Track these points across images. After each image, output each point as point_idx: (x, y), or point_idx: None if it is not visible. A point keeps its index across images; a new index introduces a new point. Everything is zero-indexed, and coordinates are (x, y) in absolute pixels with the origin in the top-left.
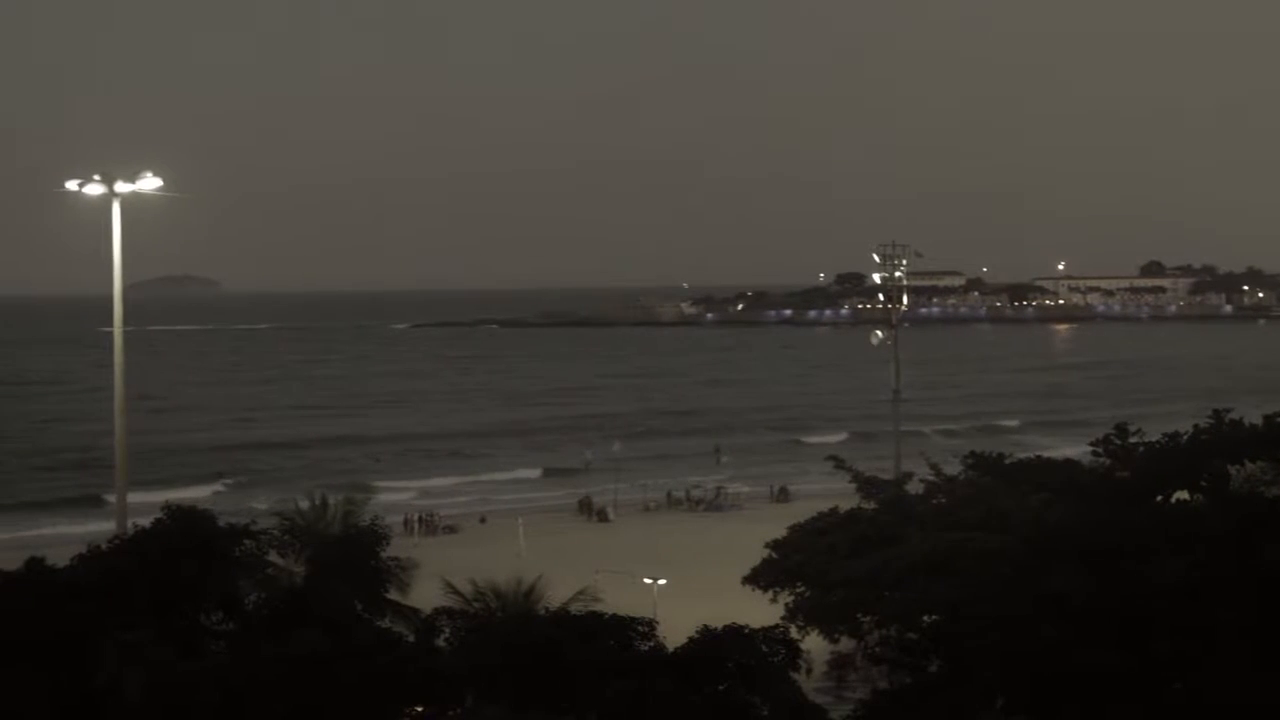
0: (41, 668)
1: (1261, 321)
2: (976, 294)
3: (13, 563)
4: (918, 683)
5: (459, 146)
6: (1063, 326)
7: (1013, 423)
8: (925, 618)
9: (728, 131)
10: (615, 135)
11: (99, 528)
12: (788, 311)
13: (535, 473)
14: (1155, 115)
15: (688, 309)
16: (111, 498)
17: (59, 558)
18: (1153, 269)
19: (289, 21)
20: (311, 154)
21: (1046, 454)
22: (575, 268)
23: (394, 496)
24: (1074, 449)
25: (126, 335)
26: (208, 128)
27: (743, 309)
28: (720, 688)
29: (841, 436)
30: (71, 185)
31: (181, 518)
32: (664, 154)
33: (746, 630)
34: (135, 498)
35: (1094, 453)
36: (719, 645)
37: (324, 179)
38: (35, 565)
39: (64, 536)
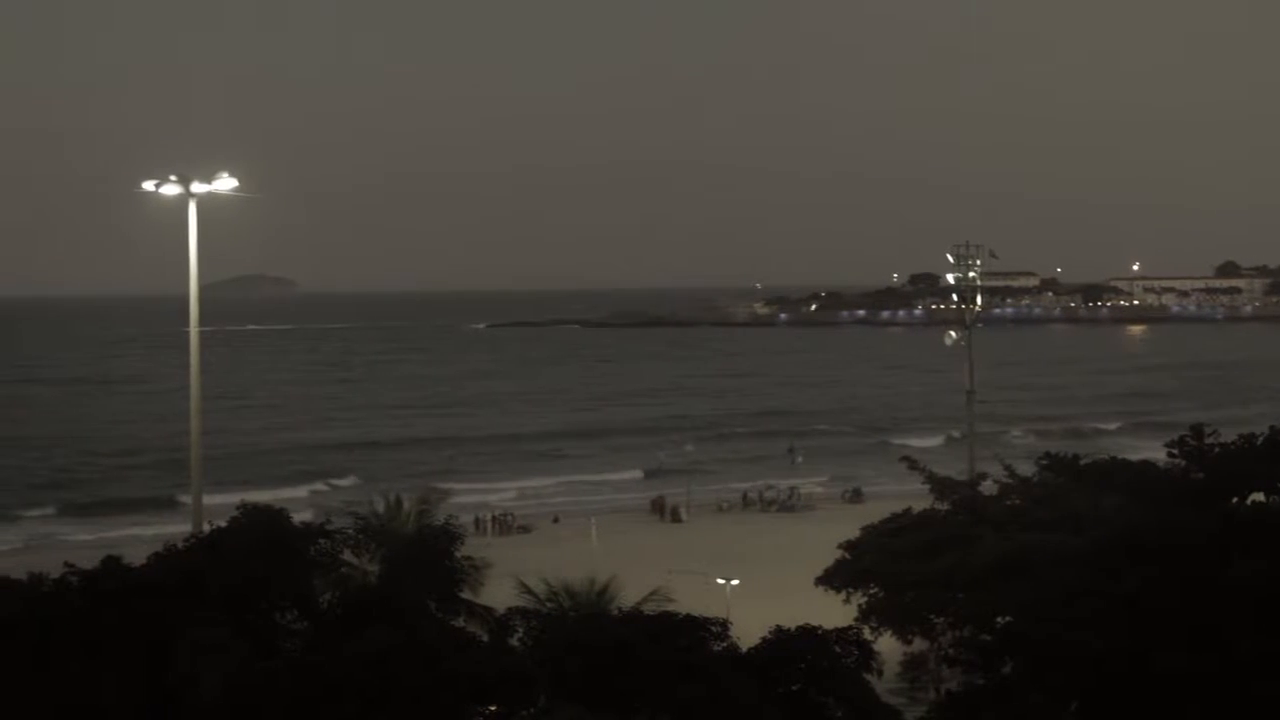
0: (118, 665)
1: None
2: (1050, 294)
3: (91, 561)
4: (991, 684)
5: (526, 142)
6: (1137, 327)
7: (1110, 426)
8: (999, 619)
9: (800, 130)
10: (688, 133)
11: (176, 529)
12: (861, 312)
13: (609, 473)
14: (1230, 116)
15: (761, 309)
16: (187, 498)
17: (136, 556)
18: (1228, 269)
19: (358, 21)
20: (386, 152)
21: (1129, 456)
22: (649, 268)
23: (469, 498)
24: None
25: (204, 335)
26: (283, 127)
27: (816, 309)
28: (793, 688)
29: (917, 438)
30: (148, 186)
31: (257, 517)
32: (736, 153)
33: (820, 631)
34: (212, 499)
35: (1169, 454)
36: (792, 646)
37: (400, 178)
38: (112, 563)
39: (141, 536)
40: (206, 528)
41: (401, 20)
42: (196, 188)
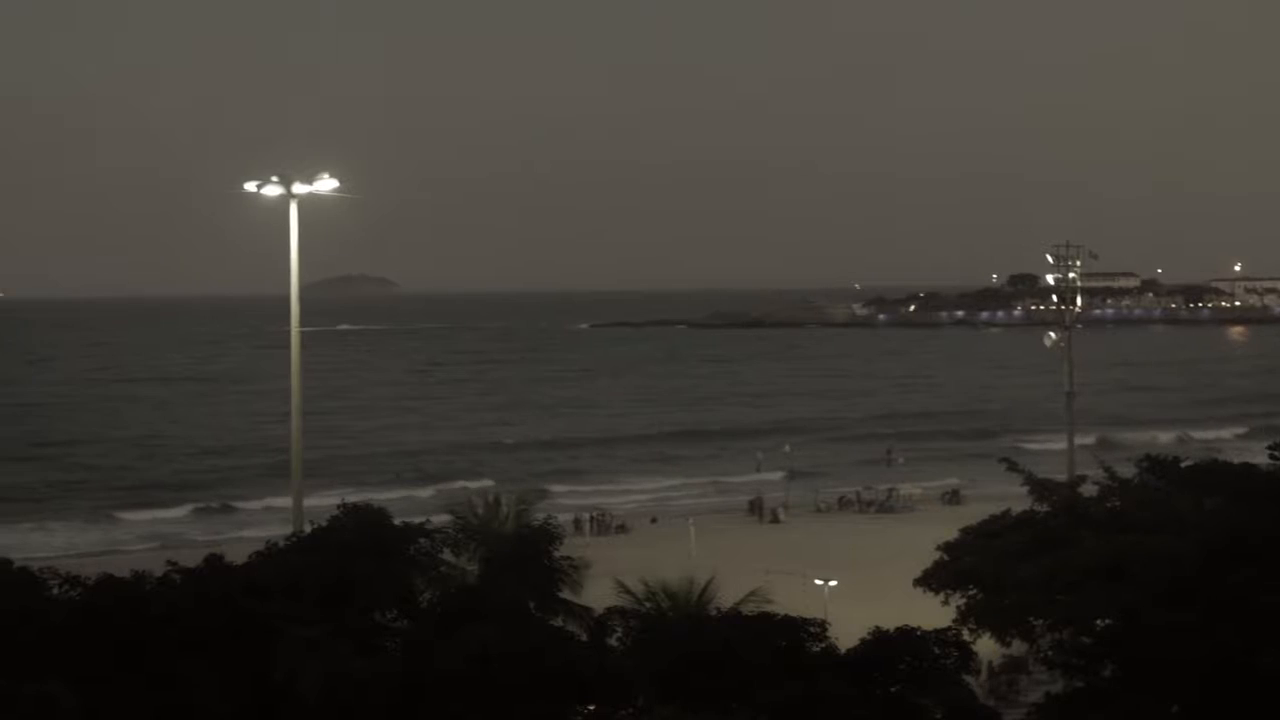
0: (219, 665)
1: None
2: (1151, 295)
3: (192, 559)
4: (1091, 688)
5: (626, 142)
6: (1238, 329)
7: (1214, 428)
8: (1099, 622)
9: (899, 130)
10: (785, 133)
11: (276, 531)
12: (960, 313)
13: (706, 474)
14: None
15: (859, 310)
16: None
17: (238, 555)
18: None
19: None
20: (487, 154)
21: (1231, 459)
22: (748, 269)
23: (568, 499)
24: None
25: (306, 335)
26: (382, 128)
27: (915, 310)
28: (892, 690)
29: (1018, 439)
30: (250, 187)
31: (357, 516)
32: (834, 153)
33: (918, 632)
34: (313, 501)
35: (1271, 456)
36: (891, 647)
37: (500, 178)
38: (214, 561)
39: (249, 537)
40: (308, 526)
41: (499, 19)
42: (298, 188)
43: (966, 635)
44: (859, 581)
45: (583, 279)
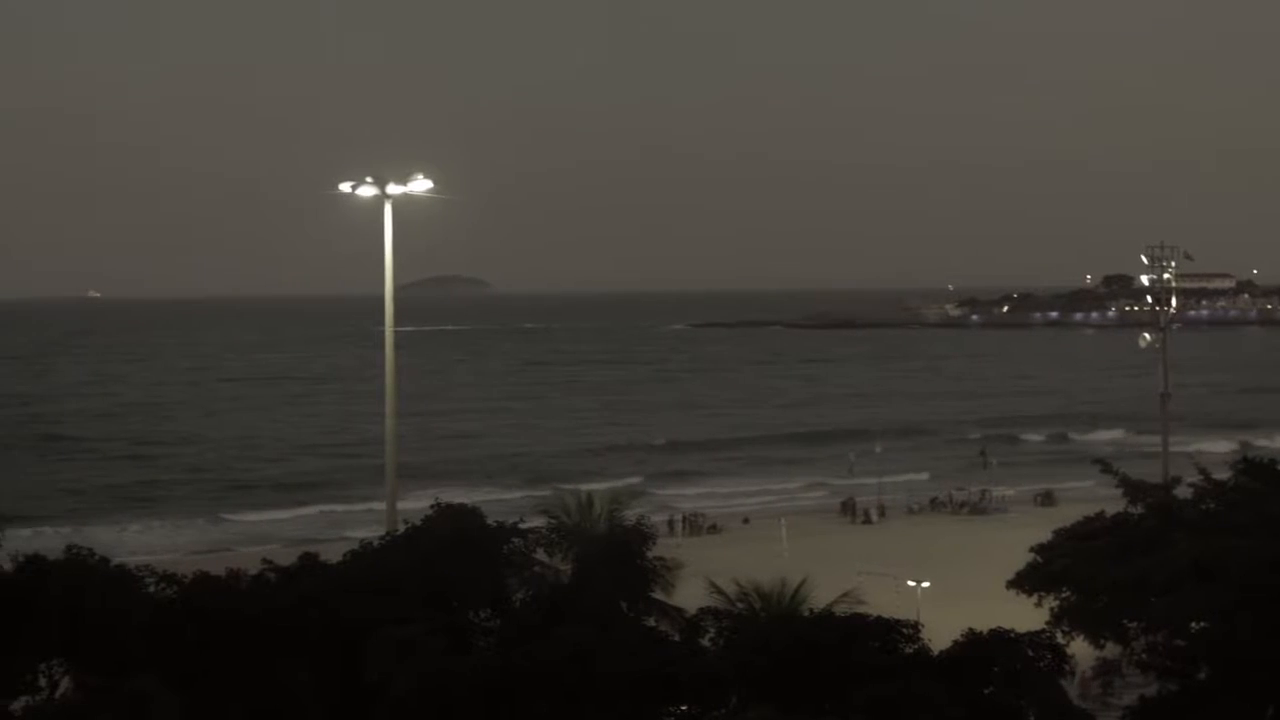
0: (313, 663)
1: None
2: (1246, 296)
3: (287, 558)
4: (1186, 690)
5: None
6: None
7: None
8: (1193, 624)
9: (991, 130)
10: (876, 133)
11: (376, 531)
12: (1054, 313)
13: (799, 475)
14: None
15: (953, 311)
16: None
17: (334, 555)
18: None
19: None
20: (579, 156)
21: None
22: (841, 269)
23: (661, 500)
24: None
25: (402, 336)
26: (478, 130)
27: (1008, 311)
28: (985, 691)
29: (1110, 438)
30: (345, 187)
31: (451, 515)
32: (925, 152)
33: (1012, 634)
34: (410, 504)
35: None
36: (984, 649)
37: (592, 180)
38: (309, 560)
39: (344, 535)
40: (402, 525)
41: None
42: (392, 189)
43: (1060, 637)
44: (951, 583)
45: (673, 279)
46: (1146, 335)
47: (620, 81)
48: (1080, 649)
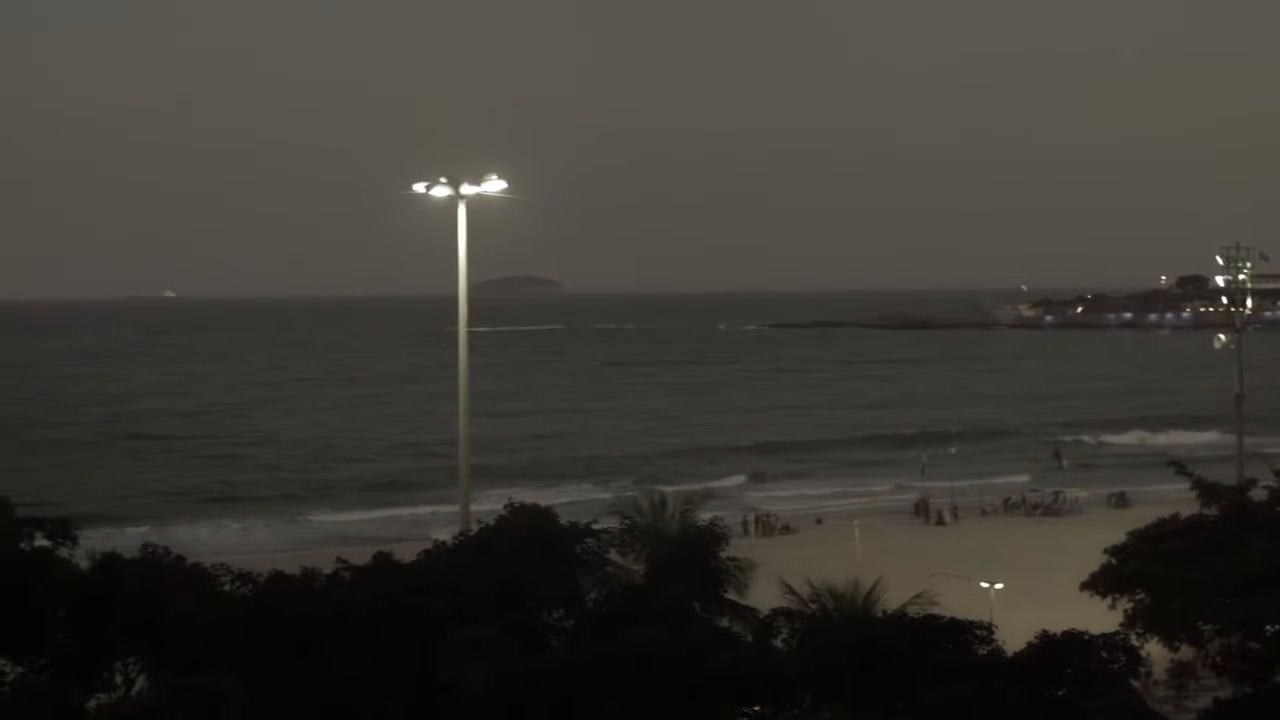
0: (386, 662)
1: None
2: None
3: (364, 558)
4: (1260, 693)
5: (785, 142)
6: None
7: None
8: (1269, 627)
9: (1061, 129)
10: (947, 131)
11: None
12: (1128, 314)
13: (873, 476)
14: None
15: (1026, 311)
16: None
17: (409, 554)
18: None
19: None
20: (653, 156)
21: None
22: (914, 270)
23: (735, 500)
24: None
25: (478, 336)
26: (548, 128)
27: (1082, 311)
28: (1059, 694)
29: (1186, 440)
30: (419, 188)
31: (524, 515)
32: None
33: (1086, 636)
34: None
35: None
36: (1058, 650)
37: (665, 181)
38: (383, 559)
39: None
40: (475, 525)
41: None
42: (466, 189)
43: (1134, 640)
44: (1025, 584)
45: (744, 280)
46: (1222, 336)
47: (687, 77)
48: (1154, 651)
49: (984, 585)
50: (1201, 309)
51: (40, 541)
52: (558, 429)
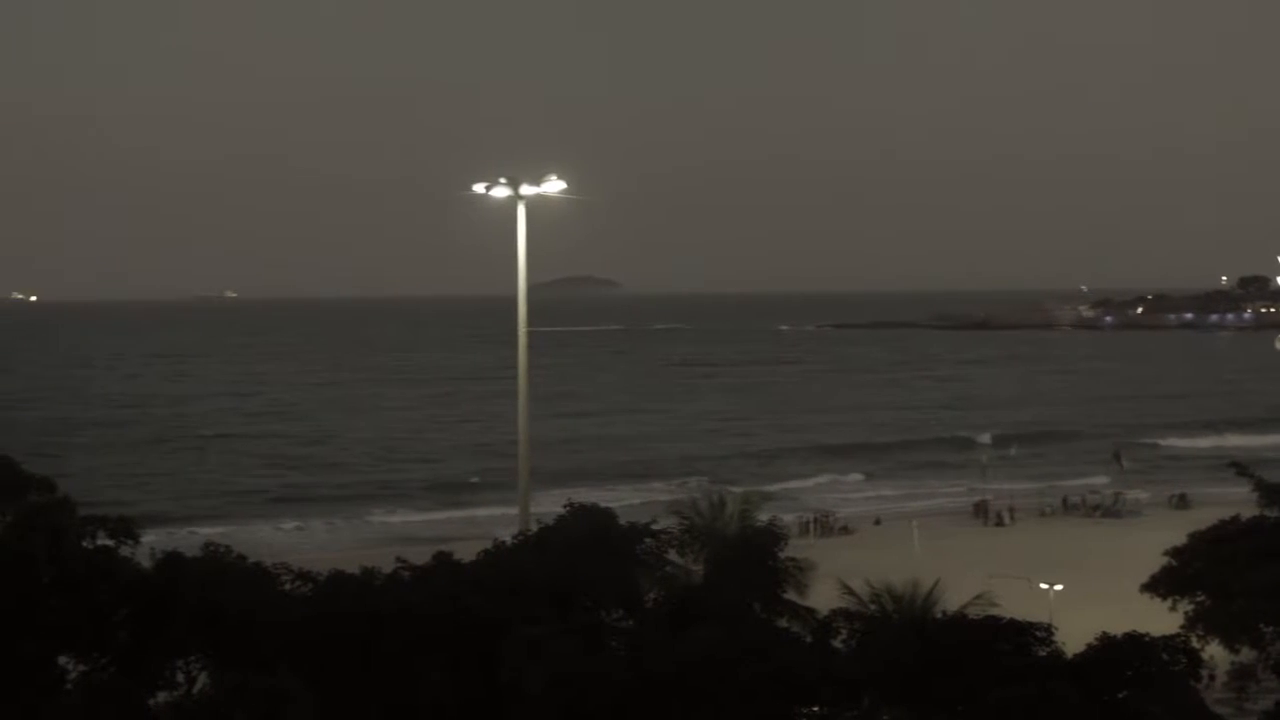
0: (448, 661)
1: None
2: None
3: (422, 556)
4: None
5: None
6: None
7: None
8: None
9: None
10: (1006, 132)
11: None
12: (1188, 315)
13: (932, 477)
14: None
15: (1086, 312)
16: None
17: (466, 553)
18: None
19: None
20: (708, 157)
21: None
22: (972, 270)
23: (793, 500)
24: None
25: (539, 336)
26: (606, 129)
27: (1142, 312)
28: (1119, 695)
29: (1247, 442)
30: (479, 189)
31: (584, 516)
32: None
33: (1146, 638)
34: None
35: None
36: (1118, 652)
37: (719, 182)
38: (443, 559)
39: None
40: (534, 524)
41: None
42: (525, 190)
43: (1195, 642)
44: (1084, 586)
45: (800, 280)
46: None
47: (751, 78)
48: (1215, 653)
49: (1043, 586)
50: (1263, 309)
51: (103, 540)
52: (620, 430)
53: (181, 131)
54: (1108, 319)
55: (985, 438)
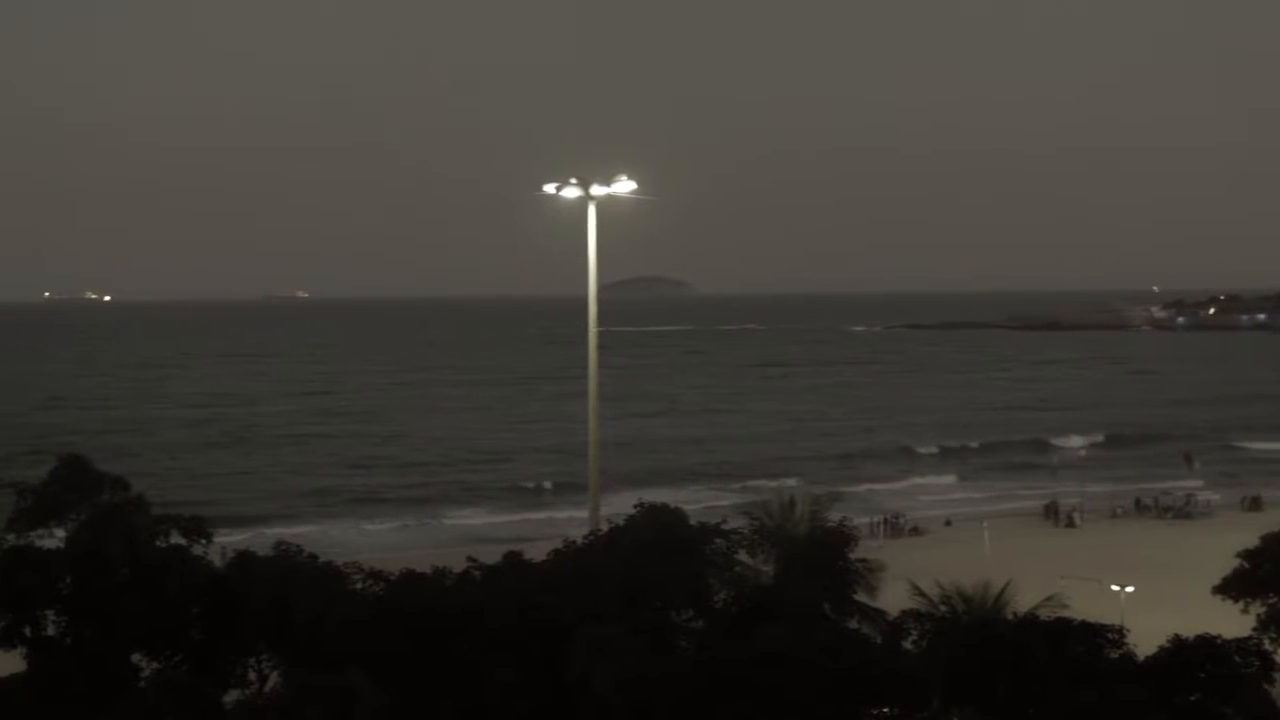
0: (517, 660)
1: None
2: None
3: (492, 556)
4: None
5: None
6: None
7: None
8: None
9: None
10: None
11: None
12: (1261, 315)
13: (1002, 478)
14: None
15: (1158, 313)
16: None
17: (536, 553)
18: None
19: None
20: (779, 157)
21: None
22: (1045, 271)
23: (864, 501)
24: None
25: (609, 337)
26: (679, 130)
27: (1214, 313)
28: (1191, 698)
29: None
30: (549, 189)
31: (654, 515)
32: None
33: (1218, 640)
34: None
35: None
36: (1190, 655)
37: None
38: (513, 559)
39: (541, 533)
40: (605, 524)
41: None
42: (595, 190)
43: (1267, 644)
44: (1156, 587)
45: (868, 280)
46: None
47: (819, 79)
48: None
49: (1114, 588)
50: None
51: (176, 539)
52: (695, 431)
53: (251, 133)
54: (1179, 320)
55: (1062, 439)
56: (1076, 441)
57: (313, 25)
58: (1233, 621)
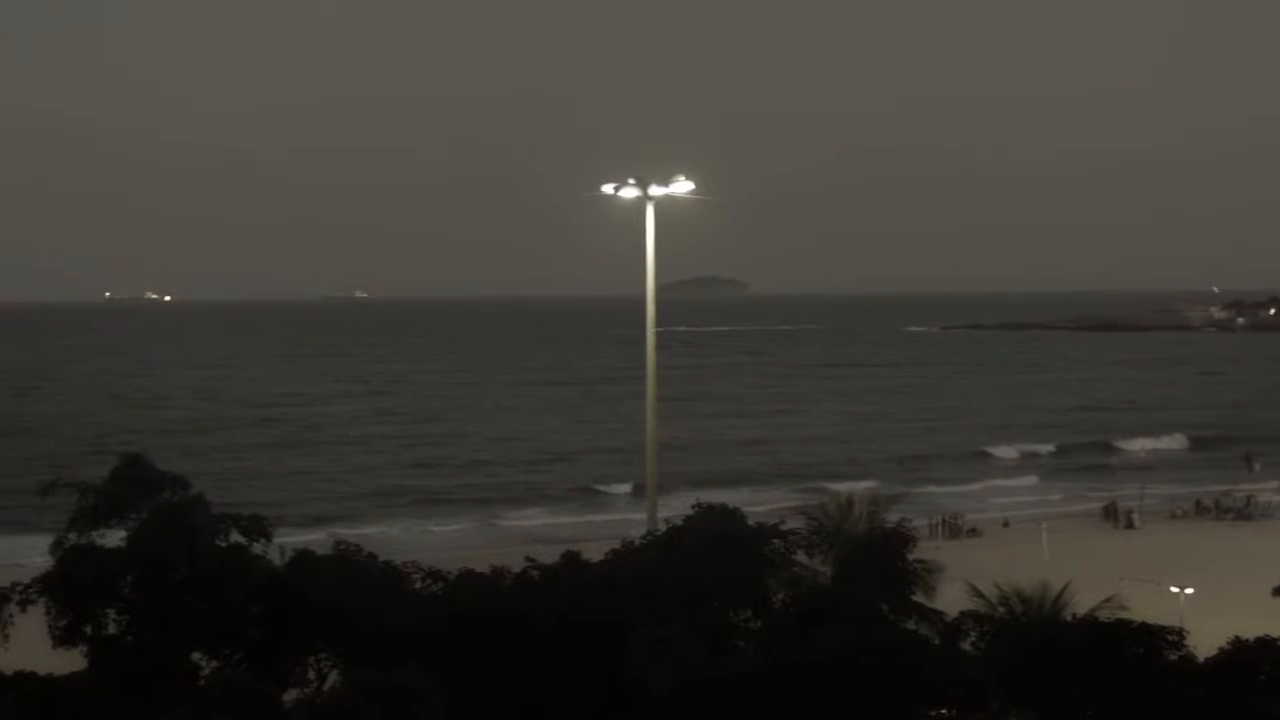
0: (575, 660)
1: None
2: None
3: (550, 556)
4: None
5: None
6: None
7: None
8: None
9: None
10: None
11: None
12: None
13: (1059, 478)
14: None
15: (1218, 313)
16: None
17: (594, 553)
18: None
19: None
20: (836, 157)
21: None
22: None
23: (922, 502)
24: None
25: (668, 336)
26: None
27: (1275, 313)
28: (1253, 700)
29: None
30: (608, 189)
31: (712, 516)
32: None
33: (1279, 642)
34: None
35: None
36: (1250, 657)
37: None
38: (571, 558)
39: (600, 534)
40: (663, 524)
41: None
42: (654, 191)
43: None
44: (1215, 590)
45: (925, 280)
46: None
47: (876, 81)
48: None
49: (1174, 590)
50: None
51: (236, 538)
52: (756, 432)
53: (306, 134)
54: (1239, 320)
55: (1136, 441)
56: (1149, 444)
57: (389, 22)
58: None
